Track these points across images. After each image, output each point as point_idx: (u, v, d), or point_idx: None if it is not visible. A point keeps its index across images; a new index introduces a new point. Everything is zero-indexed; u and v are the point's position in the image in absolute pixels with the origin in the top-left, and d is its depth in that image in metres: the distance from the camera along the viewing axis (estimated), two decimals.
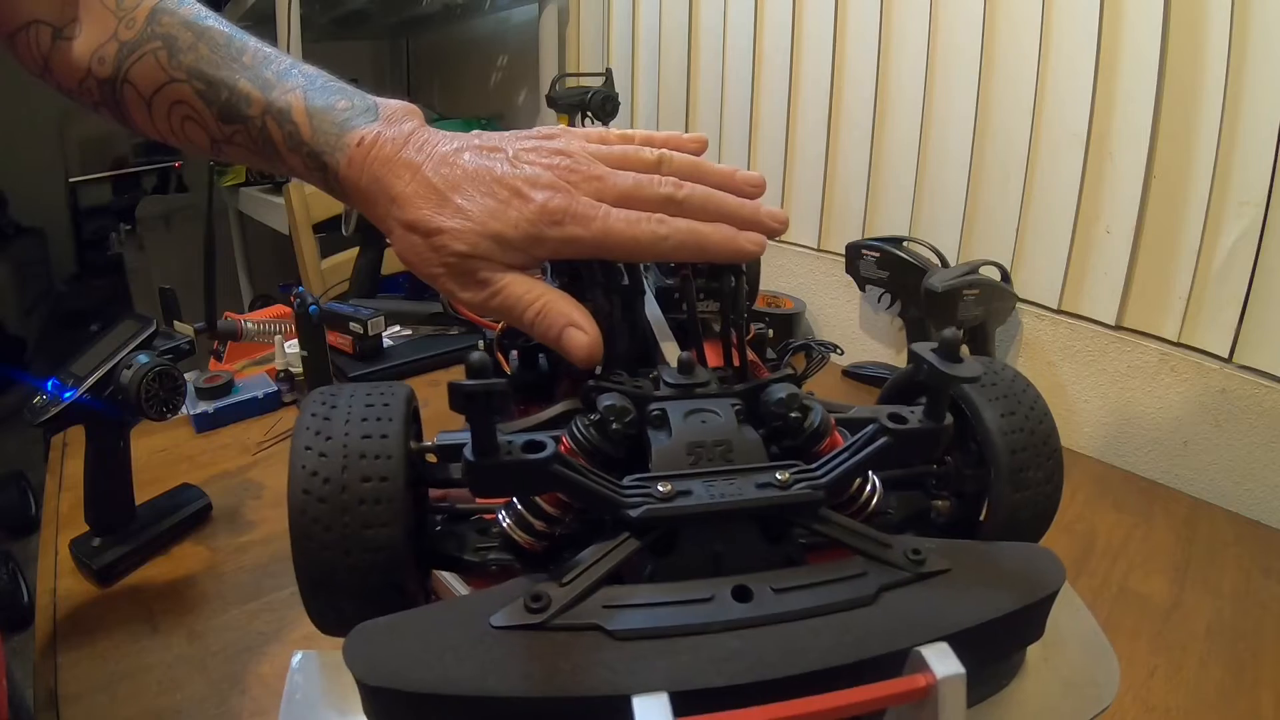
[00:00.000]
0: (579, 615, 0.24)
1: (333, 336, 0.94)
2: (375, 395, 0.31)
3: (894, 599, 0.25)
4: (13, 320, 2.95)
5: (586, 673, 0.22)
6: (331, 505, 0.27)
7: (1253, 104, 0.66)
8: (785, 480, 0.27)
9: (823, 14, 1.00)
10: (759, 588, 0.25)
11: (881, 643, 0.23)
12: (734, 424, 0.30)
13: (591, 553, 0.26)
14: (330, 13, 1.75)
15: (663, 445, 0.29)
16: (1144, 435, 0.77)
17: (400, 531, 0.27)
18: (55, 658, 0.53)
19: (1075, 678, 0.27)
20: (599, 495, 0.26)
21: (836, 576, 0.25)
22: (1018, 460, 0.32)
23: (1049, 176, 0.81)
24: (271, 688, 0.50)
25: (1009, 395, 0.33)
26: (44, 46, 0.44)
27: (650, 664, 0.23)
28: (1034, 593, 0.26)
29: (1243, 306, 0.69)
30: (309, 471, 0.28)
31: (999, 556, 0.28)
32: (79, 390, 0.56)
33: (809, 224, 1.08)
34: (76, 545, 0.61)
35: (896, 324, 0.96)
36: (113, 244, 3.04)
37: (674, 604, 0.24)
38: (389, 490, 0.28)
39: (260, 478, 0.74)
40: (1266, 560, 0.63)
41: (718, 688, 0.22)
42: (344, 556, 0.27)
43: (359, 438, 0.28)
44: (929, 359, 0.28)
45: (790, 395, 0.31)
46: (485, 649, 0.23)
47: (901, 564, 0.26)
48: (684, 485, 0.27)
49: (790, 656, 0.23)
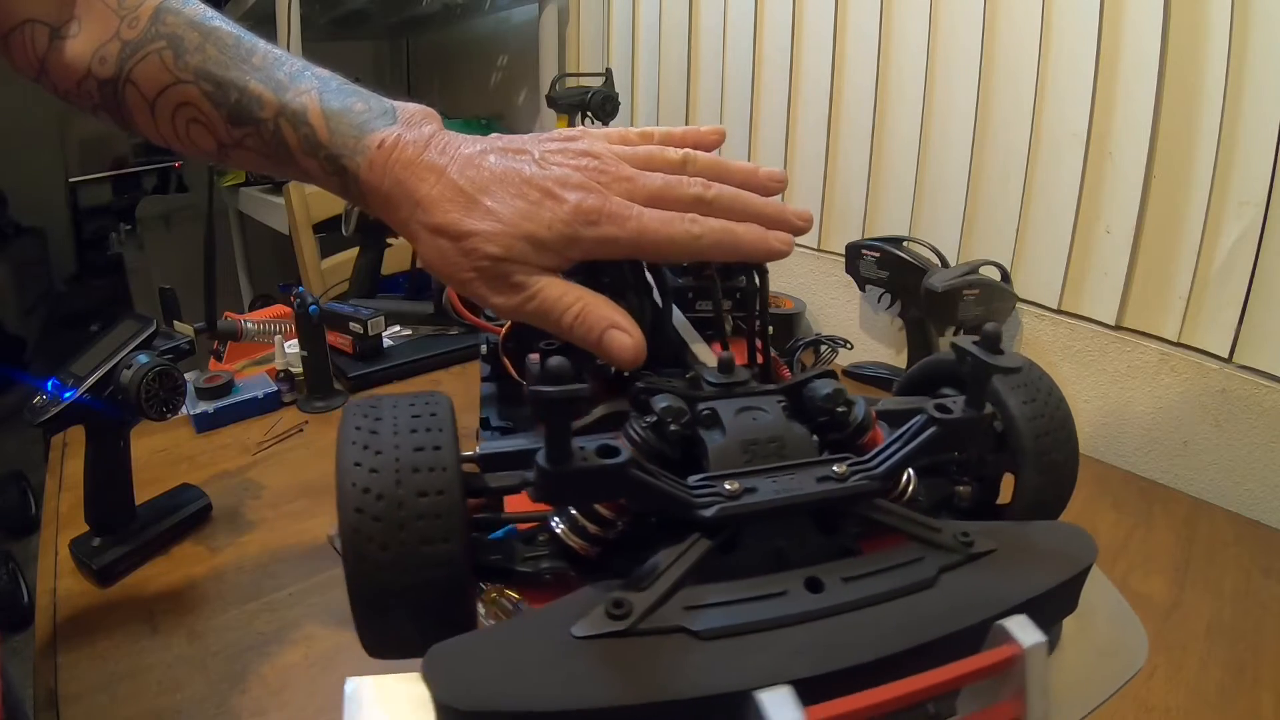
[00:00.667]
0: (661, 619, 0.24)
1: (333, 336, 0.94)
2: (420, 405, 0.29)
3: (952, 580, 0.26)
4: (13, 320, 2.95)
5: (685, 674, 0.23)
6: (387, 522, 0.26)
7: (1253, 104, 0.66)
8: (843, 473, 0.28)
9: (823, 14, 1.00)
10: (829, 579, 0.26)
11: (952, 621, 0.25)
12: (783, 420, 0.31)
13: (665, 556, 0.26)
14: (330, 13, 1.75)
15: (718, 444, 0.30)
16: (1144, 435, 0.77)
17: (460, 546, 0.27)
18: (55, 658, 0.53)
19: (1107, 646, 0.28)
20: (672, 497, 0.26)
21: (897, 563, 0.27)
22: (1041, 445, 0.33)
23: (1049, 176, 0.81)
24: (271, 687, 0.50)
25: (1028, 383, 0.34)
26: (40, 47, 0.43)
27: (744, 660, 0.23)
28: (1074, 566, 0.28)
29: (1243, 306, 0.69)
30: (360, 488, 0.26)
31: (1036, 535, 0.29)
32: (79, 390, 0.56)
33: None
34: (76, 545, 0.61)
35: (896, 324, 0.96)
36: (113, 244, 3.05)
37: (752, 600, 0.25)
38: (446, 504, 0.27)
39: (260, 478, 0.74)
40: (1266, 560, 0.63)
41: (814, 677, 0.22)
42: (402, 575, 0.26)
43: (410, 450, 0.27)
44: (973, 351, 0.29)
45: (836, 390, 0.32)
46: (573, 660, 0.23)
47: (954, 547, 0.28)
48: (749, 483, 0.28)
49: (874, 641, 0.24)
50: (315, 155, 0.40)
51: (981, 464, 0.35)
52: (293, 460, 0.77)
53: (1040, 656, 0.24)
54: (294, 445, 0.80)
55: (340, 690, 0.50)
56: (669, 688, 0.22)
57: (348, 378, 0.92)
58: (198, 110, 0.41)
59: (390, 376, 0.94)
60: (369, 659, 0.54)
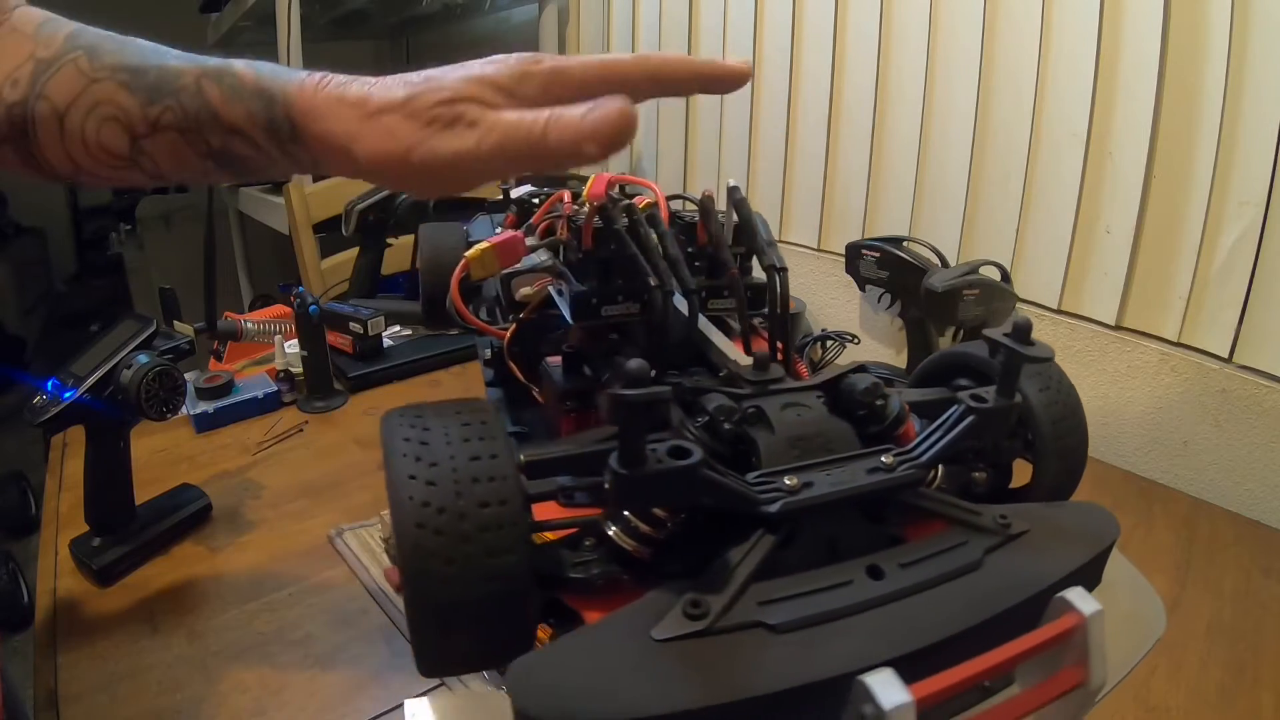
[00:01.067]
0: (737, 616, 0.25)
1: (333, 336, 0.94)
2: (468, 413, 0.29)
3: (996, 560, 0.28)
4: (13, 320, 2.95)
5: (773, 667, 0.23)
6: (450, 536, 0.25)
7: (1253, 104, 0.66)
8: (891, 464, 0.29)
9: (823, 14, 1.00)
10: (888, 565, 0.27)
11: (1006, 597, 0.26)
12: (825, 415, 0.32)
13: (734, 554, 0.27)
14: (330, 13, 1.75)
15: (769, 441, 0.30)
16: (1144, 435, 0.77)
17: (525, 556, 0.26)
18: (55, 658, 0.53)
19: (1130, 614, 0.30)
20: (741, 494, 0.27)
21: (946, 546, 0.28)
22: (1057, 430, 0.35)
23: (1049, 176, 0.81)
24: (271, 687, 0.50)
25: (1041, 372, 0.36)
26: None
27: (827, 649, 0.24)
28: (1102, 541, 0.30)
29: (1243, 306, 0.69)
30: (419, 502, 0.25)
31: (1064, 515, 0.31)
32: (79, 390, 0.56)
33: (809, 224, 1.08)
34: (76, 545, 0.61)
35: (896, 324, 0.96)
36: (113, 244, 3.04)
37: (821, 591, 0.26)
38: (510, 514, 0.26)
39: (260, 478, 0.74)
40: (1266, 560, 0.63)
41: (895, 659, 0.23)
42: (469, 589, 0.25)
43: (467, 460, 0.27)
44: (1005, 342, 0.30)
45: (874, 384, 0.33)
46: (659, 664, 0.23)
47: (994, 529, 0.29)
48: (806, 477, 0.28)
49: (942, 621, 0.25)
50: (240, 99, 0.38)
51: (997, 451, 0.36)
52: (293, 460, 0.77)
53: (1099, 624, 0.25)
54: (294, 445, 0.80)
55: (341, 690, 0.50)
56: (760, 682, 0.23)
57: (348, 378, 0.92)
58: (112, 105, 0.40)
59: (390, 376, 0.94)
60: (369, 659, 0.54)
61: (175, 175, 0.41)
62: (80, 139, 0.40)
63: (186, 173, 0.41)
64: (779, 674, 0.23)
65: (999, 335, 0.31)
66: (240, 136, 0.39)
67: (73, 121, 0.40)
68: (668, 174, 1.19)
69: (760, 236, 0.43)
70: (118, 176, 0.41)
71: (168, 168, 0.41)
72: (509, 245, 0.49)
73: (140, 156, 0.40)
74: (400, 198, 1.16)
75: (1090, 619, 0.25)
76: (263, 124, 0.38)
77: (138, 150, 0.40)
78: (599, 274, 0.41)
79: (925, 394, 0.37)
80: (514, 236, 0.50)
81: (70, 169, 0.41)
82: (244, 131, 0.39)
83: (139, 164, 0.41)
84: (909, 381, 0.41)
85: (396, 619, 0.56)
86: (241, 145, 0.39)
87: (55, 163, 0.41)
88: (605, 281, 0.41)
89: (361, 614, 0.57)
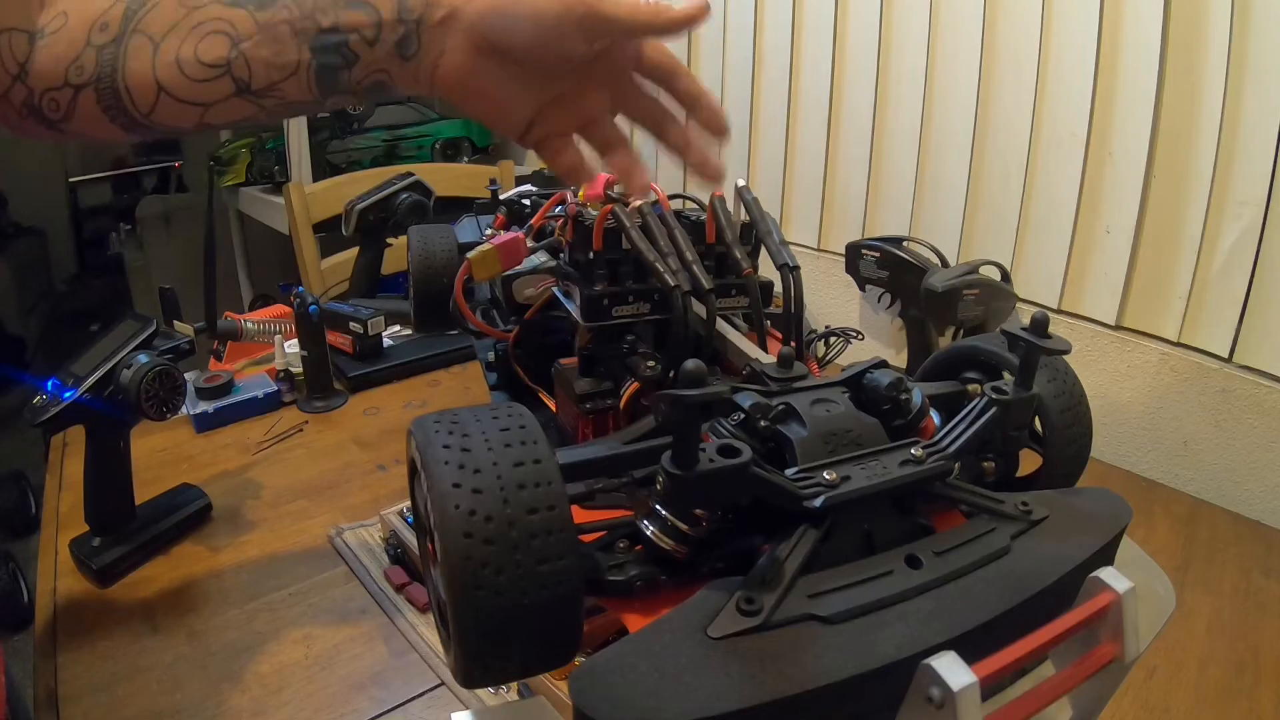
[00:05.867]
0: (790, 610, 0.25)
1: (333, 336, 0.94)
2: (505, 418, 0.28)
3: (1023, 544, 0.29)
4: (13, 320, 2.95)
5: (832, 658, 0.23)
6: (500, 545, 0.24)
7: (1253, 104, 0.66)
8: (921, 456, 0.30)
9: (823, 14, 1.00)
10: (924, 554, 0.28)
11: (1039, 579, 0.27)
12: (853, 410, 0.32)
13: (781, 550, 0.27)
14: None
15: (803, 437, 0.31)
16: (1144, 435, 0.77)
17: (575, 561, 0.25)
18: (55, 658, 0.53)
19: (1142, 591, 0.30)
20: (787, 490, 0.27)
21: (976, 534, 0.29)
22: (1065, 419, 0.37)
23: (1049, 176, 0.81)
24: (271, 687, 0.50)
25: (1047, 365, 0.37)
26: (20, 54, 0.41)
27: (881, 636, 0.24)
28: (1118, 523, 0.31)
29: (1243, 306, 0.69)
30: (465, 511, 0.25)
31: (1078, 501, 0.32)
32: (79, 390, 0.56)
33: (809, 224, 1.08)
34: (76, 545, 0.61)
35: (896, 324, 0.96)
36: (113, 244, 3.04)
37: (866, 581, 0.26)
38: (559, 519, 0.25)
39: (260, 478, 0.74)
40: (1266, 560, 0.63)
41: (949, 641, 0.24)
42: (521, 597, 0.25)
43: (511, 466, 0.26)
44: (1025, 336, 0.31)
45: (897, 379, 0.34)
46: (721, 662, 0.23)
47: (1017, 515, 0.30)
48: (843, 471, 0.29)
49: (985, 604, 0.26)
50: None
51: (1006, 441, 0.37)
52: (293, 460, 0.77)
53: (1133, 600, 0.27)
54: (294, 445, 0.80)
55: (341, 690, 0.50)
56: (822, 673, 0.23)
57: (348, 377, 0.92)
58: (219, 22, 0.40)
59: (390, 376, 0.94)
60: (369, 659, 0.54)
61: (264, 77, 0.41)
62: (175, 58, 0.40)
63: (276, 73, 0.41)
64: (839, 664, 0.23)
65: (1017, 329, 0.32)
66: (361, 27, 0.40)
67: (170, 44, 0.40)
68: (668, 174, 1.19)
69: (774, 235, 0.43)
70: (200, 91, 0.41)
71: (259, 69, 0.41)
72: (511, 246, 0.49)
73: (235, 60, 0.40)
74: (401, 198, 1.16)
75: (1125, 596, 0.26)
76: (391, 18, 0.40)
77: (235, 54, 0.40)
78: (608, 275, 0.41)
79: (938, 387, 0.38)
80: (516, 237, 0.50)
81: (150, 99, 0.41)
82: (362, 26, 0.40)
83: (231, 70, 0.40)
84: (916, 376, 0.41)
85: (396, 619, 0.56)
86: (355, 15, 0.40)
87: (137, 91, 0.41)
88: (615, 282, 0.41)
89: (361, 614, 0.57)
